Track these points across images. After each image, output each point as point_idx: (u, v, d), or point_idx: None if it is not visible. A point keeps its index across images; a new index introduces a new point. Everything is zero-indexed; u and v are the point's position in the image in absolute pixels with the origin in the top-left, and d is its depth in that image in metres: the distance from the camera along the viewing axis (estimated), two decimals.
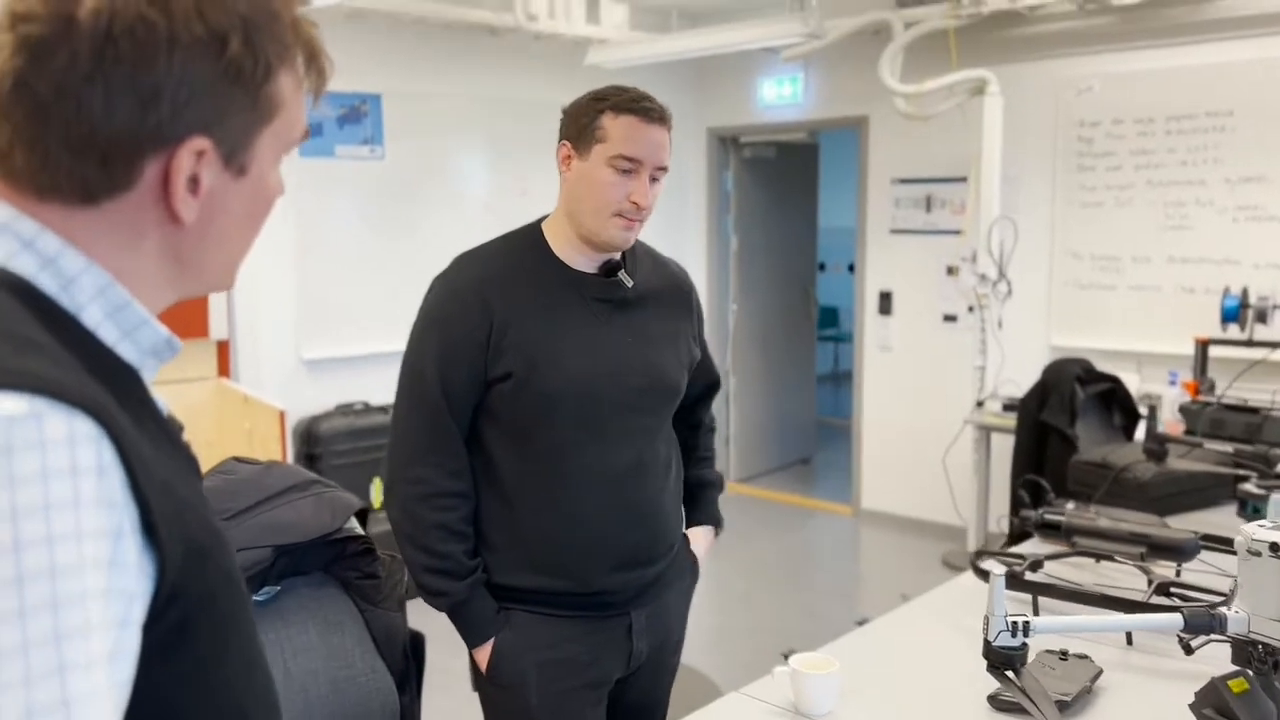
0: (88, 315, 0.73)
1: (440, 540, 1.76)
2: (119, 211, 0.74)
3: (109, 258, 0.74)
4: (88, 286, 0.73)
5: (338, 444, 4.69)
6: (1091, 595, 2.10)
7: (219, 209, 0.77)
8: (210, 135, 0.74)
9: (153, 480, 0.68)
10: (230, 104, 0.74)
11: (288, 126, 0.80)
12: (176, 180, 0.73)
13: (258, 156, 0.78)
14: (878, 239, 5.86)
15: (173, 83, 0.71)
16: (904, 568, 5.26)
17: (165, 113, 0.71)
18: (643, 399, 1.82)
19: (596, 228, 1.75)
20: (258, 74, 0.75)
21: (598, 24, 5.30)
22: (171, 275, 0.78)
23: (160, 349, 0.77)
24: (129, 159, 0.72)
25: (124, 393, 0.72)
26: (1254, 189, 4.55)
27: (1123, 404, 3.55)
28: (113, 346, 0.74)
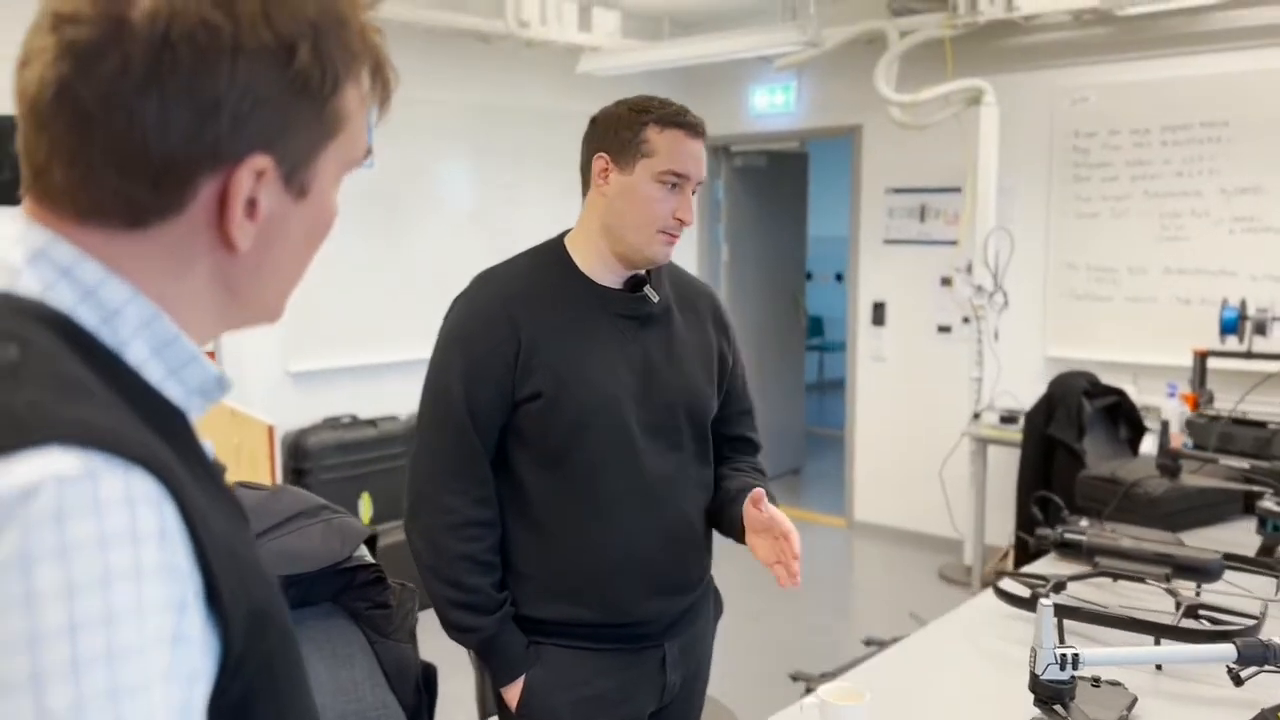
0: (131, 352, 0.65)
1: (467, 573, 1.68)
2: (167, 236, 0.66)
3: (154, 287, 0.67)
4: (132, 319, 0.65)
5: (326, 458, 4.59)
6: (1120, 619, 2.04)
7: (277, 234, 0.70)
8: (272, 153, 0.66)
9: (215, 541, 0.60)
10: (295, 119, 0.67)
11: (351, 144, 0.72)
12: (234, 203, 0.66)
13: (319, 176, 0.71)
14: (871, 249, 5.82)
15: (235, 94, 0.64)
16: (901, 581, 5.21)
17: (225, 127, 0.64)
18: (672, 416, 1.75)
19: (640, 244, 1.70)
20: (325, 86, 0.68)
21: (589, 31, 5.24)
22: (221, 306, 0.71)
23: (209, 388, 0.70)
24: (182, 179, 0.64)
25: (173, 438, 0.64)
26: (1250, 200, 4.54)
27: (1128, 417, 3.51)
28: (158, 386, 0.66)
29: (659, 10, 5.68)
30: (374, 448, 4.76)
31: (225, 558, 0.61)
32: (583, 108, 6.36)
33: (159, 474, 0.58)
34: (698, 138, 1.70)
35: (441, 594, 1.71)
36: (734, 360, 1.91)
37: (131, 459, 0.57)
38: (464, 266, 5.34)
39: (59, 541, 0.53)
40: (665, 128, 1.67)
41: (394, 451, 4.84)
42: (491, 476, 1.72)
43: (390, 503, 4.79)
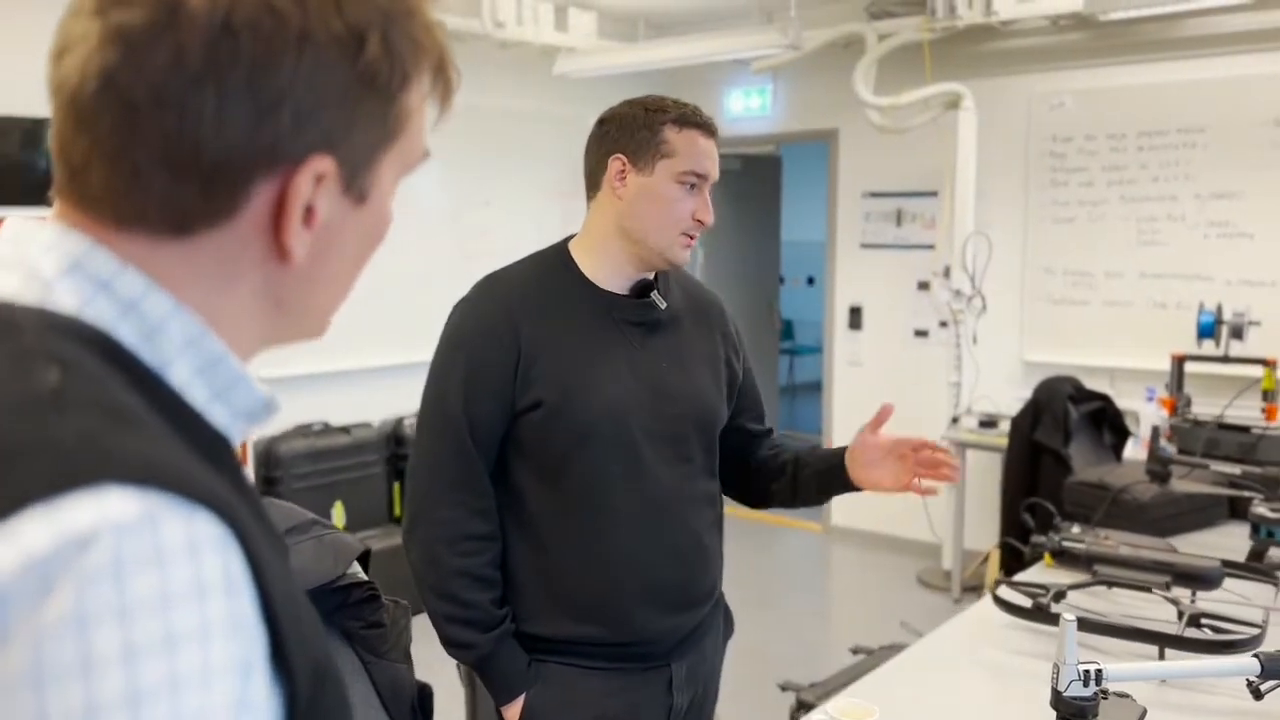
0: (175, 372, 0.59)
1: (465, 588, 1.62)
2: (216, 245, 0.60)
3: (199, 301, 0.60)
4: (175, 336, 0.59)
5: (298, 466, 4.49)
6: (1124, 629, 2.02)
7: (333, 244, 0.64)
8: (334, 154, 0.60)
9: (278, 589, 0.54)
10: (360, 117, 0.61)
11: (411, 146, 0.66)
12: (292, 209, 0.59)
13: (379, 181, 0.65)
14: (848, 253, 5.81)
15: (300, 89, 0.57)
16: (880, 586, 5.19)
17: (286, 126, 0.58)
18: (681, 426, 1.70)
19: (662, 246, 1.65)
20: (394, 81, 0.62)
21: (566, 32, 5.18)
22: (267, 321, 0.64)
23: (257, 412, 0.63)
24: (236, 182, 0.58)
25: (222, 469, 0.58)
26: (1225, 205, 4.58)
27: (1112, 423, 3.51)
28: (202, 410, 0.60)
29: (634, 12, 5.64)
30: (347, 455, 4.67)
31: (289, 607, 0.55)
32: (559, 110, 6.33)
33: (223, 515, 0.52)
34: (712, 137, 1.67)
35: (438, 609, 1.65)
36: (744, 369, 1.88)
37: (195, 499, 0.50)
38: (438, 271, 5.31)
39: (119, 601, 0.46)
40: (683, 127, 1.63)
41: (368, 459, 4.75)
42: (491, 488, 1.66)
43: (364, 512, 4.70)
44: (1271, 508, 2.60)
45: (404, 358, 4.98)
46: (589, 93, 5.69)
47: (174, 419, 0.57)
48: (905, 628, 3.62)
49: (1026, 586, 2.28)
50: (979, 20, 4.60)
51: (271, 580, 0.53)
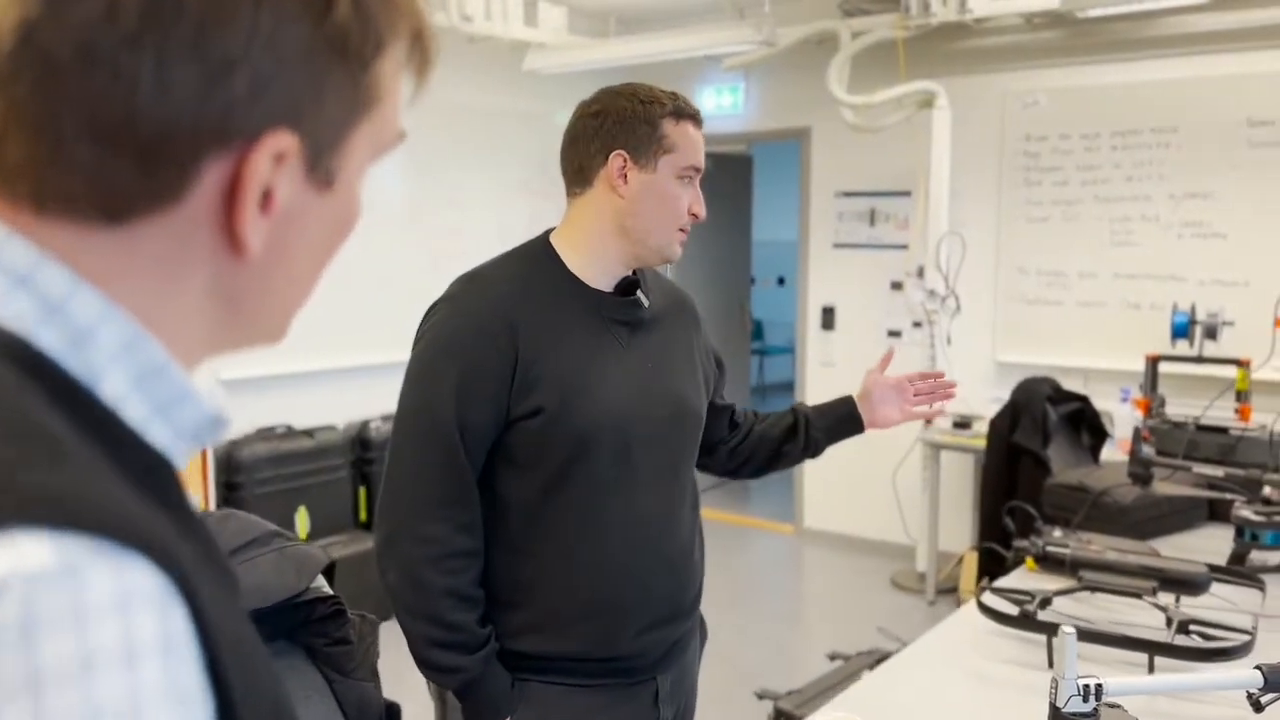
0: (107, 385, 0.50)
1: (451, 609, 1.53)
2: (157, 234, 0.51)
3: (137, 300, 0.52)
4: (109, 342, 0.50)
5: (260, 471, 4.36)
6: (1113, 637, 1.98)
7: (294, 234, 0.55)
8: (297, 130, 0.52)
9: (228, 644, 0.46)
10: (327, 87, 0.53)
11: (384, 124, 0.58)
12: (246, 193, 0.51)
13: (348, 162, 0.56)
14: (820, 253, 5.76)
15: (256, 51, 0.49)
16: (853, 589, 5.14)
17: (240, 94, 0.49)
18: (671, 430, 1.63)
19: (663, 243, 1.59)
20: (366, 47, 0.54)
21: (535, 27, 5.09)
22: (217, 324, 0.56)
23: (203, 430, 0.55)
24: (180, 159, 0.50)
25: (164, 500, 0.50)
26: (1197, 205, 4.57)
27: (1091, 424, 3.48)
28: (139, 429, 0.51)
29: (605, 7, 5.56)
30: (311, 459, 4.55)
31: (239, 663, 0.47)
32: (528, 106, 6.22)
33: (163, 562, 0.44)
34: (700, 128, 1.61)
35: (420, 632, 1.55)
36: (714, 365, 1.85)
37: (127, 543, 0.42)
38: (402, 270, 5.19)
39: (27, 669, 0.38)
40: (680, 120, 1.57)
41: (332, 463, 4.63)
42: (479, 500, 1.57)
43: (328, 518, 4.58)
44: (1256, 511, 2.57)
45: (369, 358, 4.87)
46: (558, 89, 5.60)
47: (105, 442, 0.48)
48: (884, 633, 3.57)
49: (1011, 593, 2.23)
50: (953, 18, 4.56)
51: (220, 634, 0.45)
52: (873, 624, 4.33)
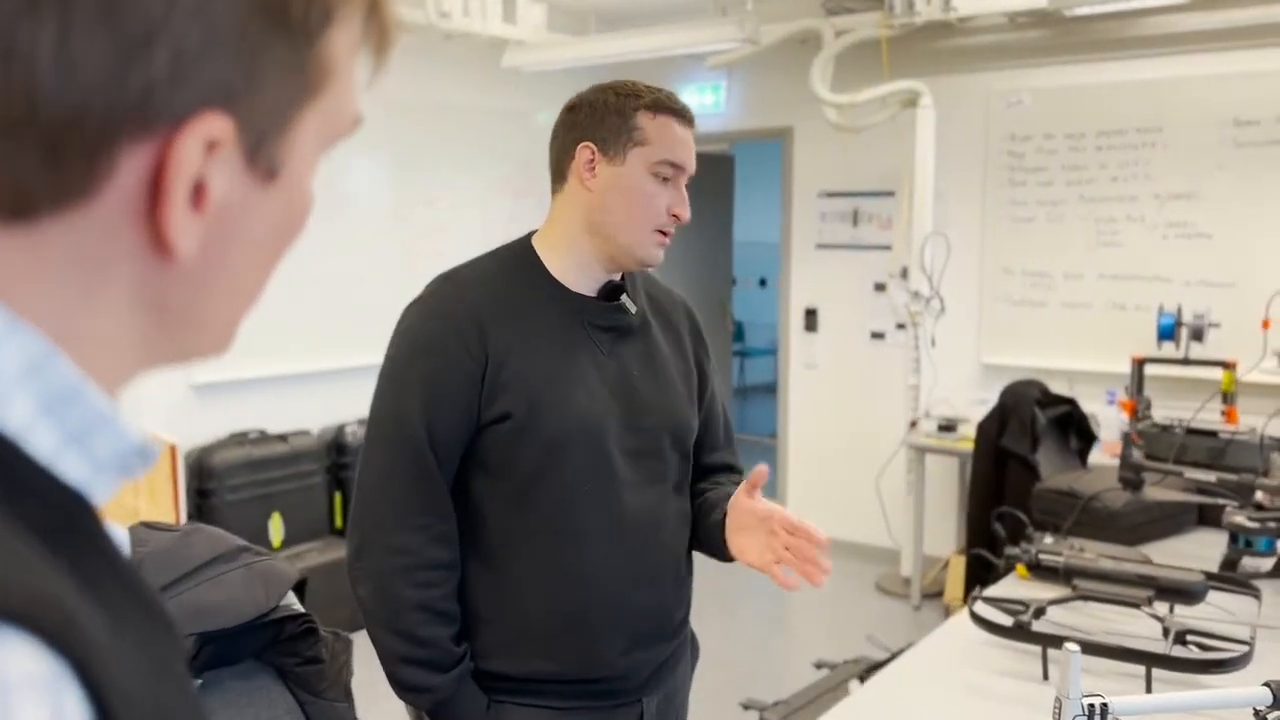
0: (11, 411, 0.43)
1: (422, 624, 1.46)
2: (69, 234, 0.44)
3: (47, 311, 0.44)
4: (11, 362, 0.43)
5: (233, 477, 4.27)
6: (1111, 649, 1.94)
7: (233, 233, 0.48)
8: (232, 112, 0.44)
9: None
10: (266, 63, 0.45)
11: (337, 107, 0.50)
12: (172, 186, 0.44)
13: (295, 150, 0.49)
14: (803, 254, 5.71)
15: (179, 20, 0.42)
16: (838, 592, 5.09)
17: (161, 71, 0.42)
18: (655, 440, 1.56)
19: (633, 243, 1.50)
20: (311, 17, 0.46)
21: (514, 24, 5.01)
22: (145, 336, 0.48)
23: (128, 461, 0.47)
24: (92, 147, 0.42)
25: (70, 549, 0.43)
26: (1183, 206, 4.55)
27: (1079, 427, 3.44)
28: (47, 462, 0.44)
29: (585, 5, 5.49)
30: (285, 465, 4.45)
31: None
32: (508, 104, 6.14)
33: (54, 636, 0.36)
34: (689, 126, 1.52)
35: (391, 648, 1.48)
36: (709, 380, 1.73)
37: (7, 618, 0.35)
38: (381, 270, 5.09)
39: None
40: (658, 113, 1.48)
41: (307, 468, 4.54)
42: (453, 510, 1.50)
43: (303, 524, 4.49)
44: (1250, 516, 2.53)
45: (345, 361, 4.78)
46: (538, 87, 5.53)
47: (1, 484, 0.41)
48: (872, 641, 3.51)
49: (1004, 602, 2.18)
50: (937, 16, 4.52)
51: (132, 714, 0.38)
52: (858, 629, 4.28)
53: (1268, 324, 3.78)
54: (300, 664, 1.58)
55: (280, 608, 1.57)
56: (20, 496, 0.42)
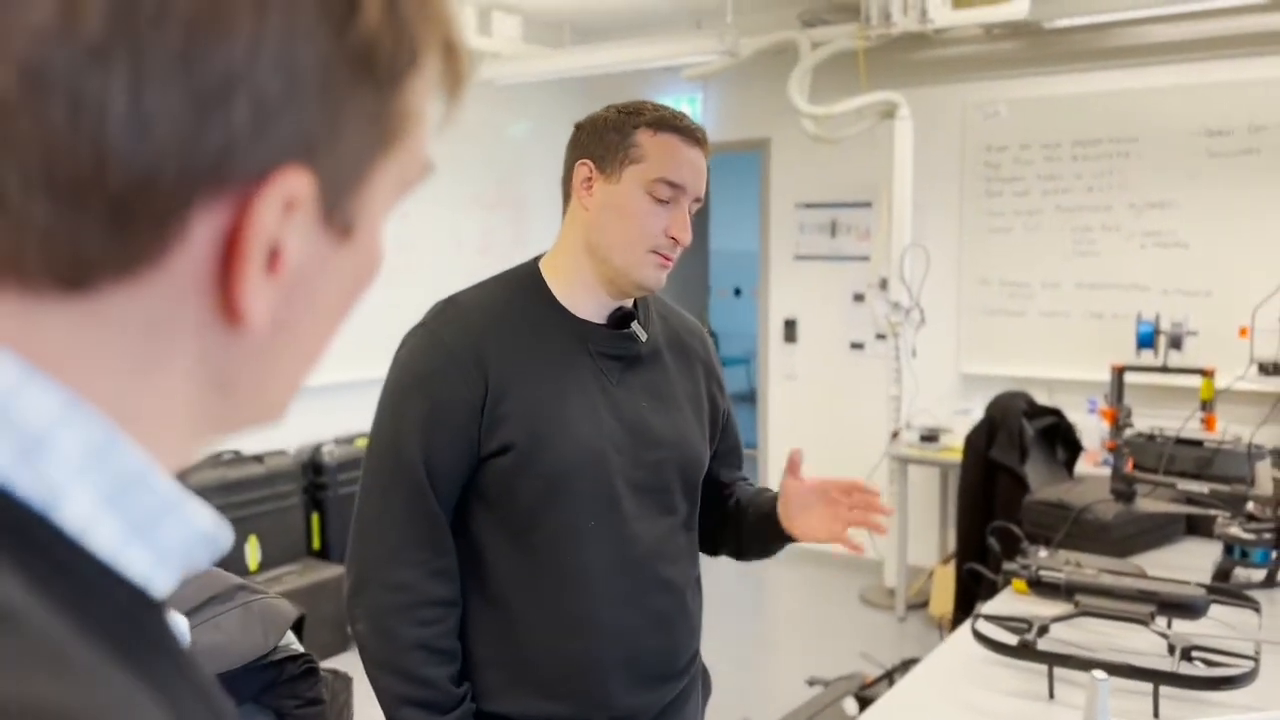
0: (69, 506, 0.38)
1: (421, 663, 1.41)
2: (130, 306, 0.39)
3: (107, 390, 0.40)
4: (70, 450, 0.38)
5: (208, 499, 4.10)
6: (1119, 667, 1.92)
7: (305, 297, 0.44)
8: (312, 166, 0.40)
9: None
10: (349, 112, 0.41)
11: (412, 155, 0.46)
12: (248, 251, 0.39)
13: (371, 205, 0.45)
14: (781, 265, 5.70)
15: (261, 70, 0.38)
16: (822, 604, 5.07)
17: (241, 123, 0.38)
18: (663, 474, 1.51)
19: (628, 265, 1.44)
20: (399, 63, 0.42)
21: (490, 36, 4.97)
22: (208, 408, 0.44)
23: (194, 551, 0.42)
24: (164, 211, 0.37)
25: (139, 649, 0.39)
26: (1158, 215, 4.59)
27: (1065, 438, 3.44)
28: (110, 559, 0.39)
29: (560, 16, 5.45)
30: (261, 486, 4.36)
31: None
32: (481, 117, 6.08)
33: None
34: (696, 145, 1.45)
35: (390, 688, 1.43)
36: (726, 411, 1.68)
37: None
38: None
39: None
40: (659, 131, 1.42)
41: (284, 489, 4.46)
42: (453, 545, 1.45)
43: (280, 547, 4.40)
44: (1244, 527, 2.54)
45: (321, 379, 4.67)
46: (513, 99, 5.49)
47: (64, 592, 0.36)
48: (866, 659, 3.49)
49: (1006, 620, 2.16)
50: (914, 28, 4.53)
51: None
52: (845, 642, 4.26)
53: (1245, 331, 3.81)
54: (300, 705, 1.53)
55: (279, 648, 1.53)
56: (86, 601, 0.37)
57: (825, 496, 1.53)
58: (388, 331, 3.68)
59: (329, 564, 4.49)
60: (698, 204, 1.48)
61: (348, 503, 4.65)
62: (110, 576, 0.39)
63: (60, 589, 0.36)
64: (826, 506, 1.53)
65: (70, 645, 0.35)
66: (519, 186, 5.66)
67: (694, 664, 1.63)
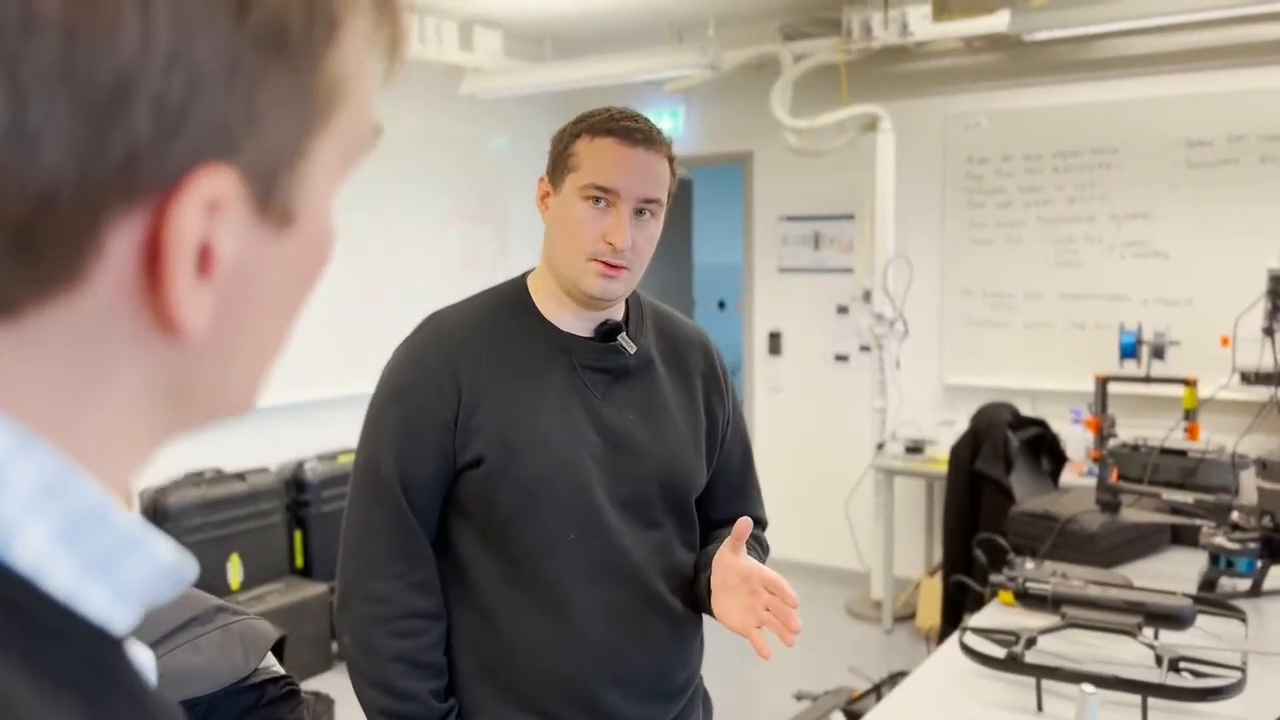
0: (22, 545, 0.36)
1: (401, 675, 1.40)
2: (61, 328, 0.37)
3: (49, 418, 0.38)
4: (21, 487, 0.36)
5: (189, 518, 4.13)
6: (1105, 679, 1.91)
7: (251, 292, 0.41)
8: (233, 160, 0.38)
9: None
10: (268, 96, 0.38)
11: (353, 124, 0.43)
12: (172, 258, 0.37)
13: (311, 184, 0.42)
14: (765, 278, 5.70)
15: (155, 65, 0.35)
16: (808, 617, 5.00)
17: (142, 128, 0.35)
18: (645, 487, 1.49)
19: (572, 275, 1.42)
20: (314, 33, 0.39)
21: (471, 50, 4.96)
22: (163, 416, 0.42)
23: (155, 584, 0.40)
24: (72, 231, 0.35)
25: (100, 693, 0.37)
26: (1139, 225, 4.61)
27: (1050, 448, 3.44)
28: (66, 599, 0.37)
29: (540, 30, 5.45)
30: (243, 504, 4.32)
31: None
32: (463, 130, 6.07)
33: None
34: (638, 145, 1.40)
35: (372, 701, 1.42)
36: (729, 424, 1.62)
37: None
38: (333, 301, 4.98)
39: None
40: (595, 136, 1.40)
41: (266, 507, 4.41)
42: (433, 558, 1.44)
43: (263, 566, 4.36)
44: (1229, 537, 2.54)
45: (302, 395, 4.66)
46: (494, 113, 5.48)
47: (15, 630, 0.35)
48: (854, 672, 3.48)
49: (993, 633, 2.16)
50: (895, 41, 4.55)
51: None
52: (831, 655, 4.24)
53: (1227, 341, 3.83)
54: None
55: (260, 670, 1.50)
56: (41, 644, 0.36)
57: (748, 583, 1.41)
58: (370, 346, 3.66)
59: (311, 582, 4.45)
60: (654, 206, 1.42)
61: (330, 520, 4.63)
62: (67, 617, 0.37)
63: (13, 635, 0.34)
64: (748, 595, 1.41)
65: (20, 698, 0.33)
66: (502, 201, 5.64)
67: (692, 685, 1.60)
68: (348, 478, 1.54)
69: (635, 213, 1.40)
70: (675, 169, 1.47)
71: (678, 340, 1.59)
